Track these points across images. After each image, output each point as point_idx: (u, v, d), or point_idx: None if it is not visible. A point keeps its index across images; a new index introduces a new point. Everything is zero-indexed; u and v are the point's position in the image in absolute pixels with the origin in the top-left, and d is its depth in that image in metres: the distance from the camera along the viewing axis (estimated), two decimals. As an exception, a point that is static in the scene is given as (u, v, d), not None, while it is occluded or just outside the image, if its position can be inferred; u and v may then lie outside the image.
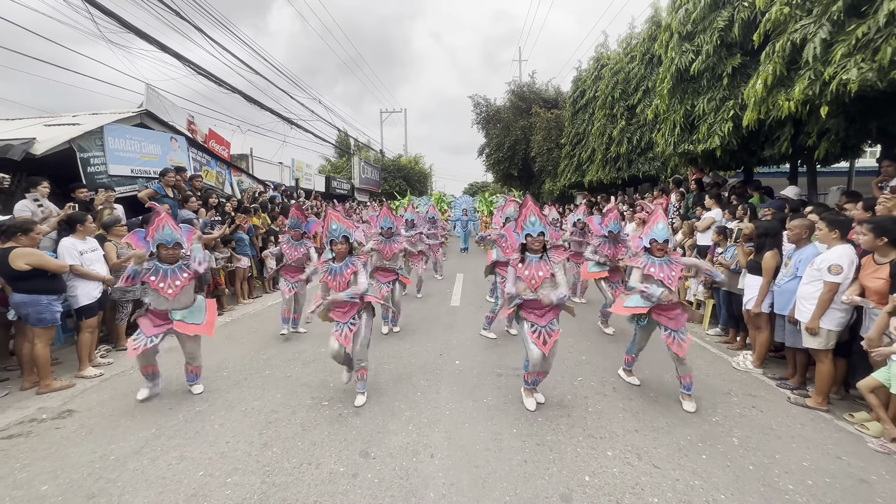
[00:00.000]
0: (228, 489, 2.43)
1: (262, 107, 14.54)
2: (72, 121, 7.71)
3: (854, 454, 2.82)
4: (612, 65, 11.82)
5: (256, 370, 4.25)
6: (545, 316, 3.28)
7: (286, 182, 16.49)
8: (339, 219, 3.51)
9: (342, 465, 2.65)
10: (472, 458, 2.74)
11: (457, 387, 3.83)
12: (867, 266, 3.24)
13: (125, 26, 8.33)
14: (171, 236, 3.39)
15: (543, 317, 3.27)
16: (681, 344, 3.36)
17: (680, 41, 6.40)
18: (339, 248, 3.46)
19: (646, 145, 10.47)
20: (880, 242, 3.12)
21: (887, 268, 3.07)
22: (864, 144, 5.43)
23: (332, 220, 3.51)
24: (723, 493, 2.41)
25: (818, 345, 3.43)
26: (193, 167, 8.70)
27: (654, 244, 3.50)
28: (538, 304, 3.25)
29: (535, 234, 3.27)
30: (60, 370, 4.20)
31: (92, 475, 2.56)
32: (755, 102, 4.83)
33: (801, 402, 3.53)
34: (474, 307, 6.83)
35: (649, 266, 3.48)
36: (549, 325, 3.27)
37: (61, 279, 3.96)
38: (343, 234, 3.46)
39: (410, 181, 32.48)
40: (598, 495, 2.38)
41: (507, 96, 23.67)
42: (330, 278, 3.45)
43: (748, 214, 5.34)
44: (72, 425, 3.18)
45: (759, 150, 6.17)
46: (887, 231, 3.09)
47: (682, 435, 3.02)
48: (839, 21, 3.82)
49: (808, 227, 3.82)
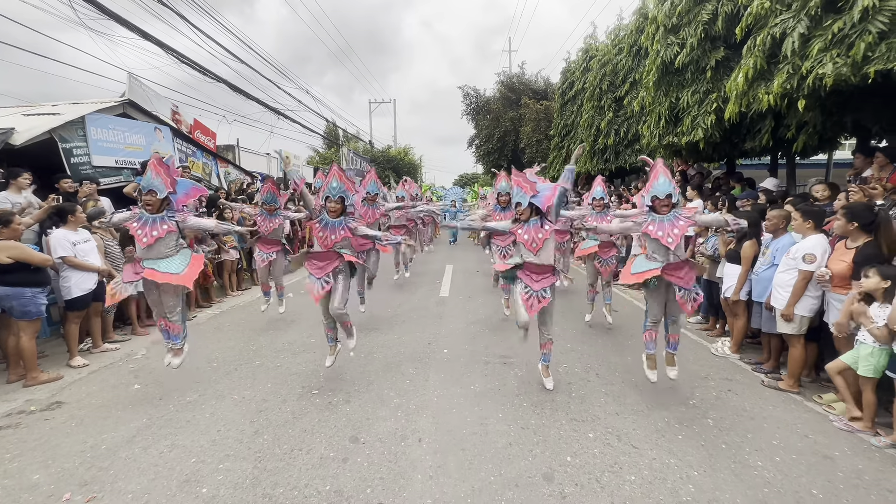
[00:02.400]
0: (220, 475, 2.48)
1: (249, 96, 14.29)
2: (51, 110, 7.53)
3: (821, 433, 2.97)
4: (601, 56, 11.86)
5: (246, 360, 4.28)
6: (541, 281, 3.37)
7: (274, 174, 16.30)
8: (341, 177, 3.52)
9: (332, 451, 2.72)
10: (459, 441, 2.83)
11: (445, 374, 3.91)
12: (838, 250, 3.39)
13: (104, 12, 8.11)
14: (149, 182, 3.30)
15: (539, 282, 3.36)
16: (693, 301, 3.28)
17: (665, 34, 6.46)
18: (333, 206, 3.49)
19: (632, 137, 10.57)
20: (851, 227, 3.24)
21: (852, 252, 3.21)
22: (840, 137, 5.59)
23: (333, 176, 3.52)
24: (696, 470, 2.54)
25: (792, 330, 3.58)
26: (179, 158, 8.58)
27: (657, 201, 3.23)
28: (537, 267, 3.36)
29: (524, 205, 3.36)
30: (47, 363, 4.18)
31: (84, 464, 2.59)
32: (737, 95, 4.93)
33: (773, 385, 3.69)
34: (463, 297, 6.91)
35: (648, 224, 3.27)
36: (542, 290, 3.35)
37: (45, 272, 3.93)
38: (340, 194, 3.47)
39: (400, 172, 32.32)
40: (579, 474, 2.49)
41: (497, 87, 23.59)
42: (319, 227, 3.47)
43: (727, 205, 5.48)
44: (61, 416, 3.19)
45: (741, 142, 6.30)
46: (857, 216, 3.22)
47: (661, 417, 3.15)
48: (816, 16, 3.91)
49: (785, 217, 3.95)
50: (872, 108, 4.40)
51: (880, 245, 3.09)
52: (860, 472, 2.54)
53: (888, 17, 3.37)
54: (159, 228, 3.31)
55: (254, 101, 14.71)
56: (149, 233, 3.29)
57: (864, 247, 3.15)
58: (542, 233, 3.33)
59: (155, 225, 3.31)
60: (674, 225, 3.16)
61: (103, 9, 8.01)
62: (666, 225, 3.18)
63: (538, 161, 16.16)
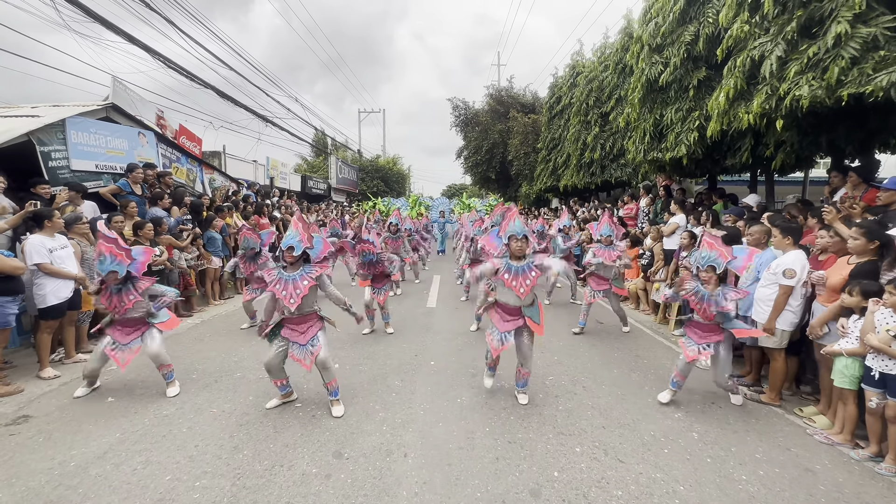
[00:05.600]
0: (197, 493, 2.38)
1: (237, 103, 14.19)
2: (31, 112, 7.33)
3: (802, 446, 3.01)
4: (587, 73, 12.15)
5: (227, 372, 4.16)
6: (510, 322, 3.38)
7: (260, 181, 16.13)
8: (297, 227, 3.26)
9: (315, 467, 2.64)
10: (445, 456, 2.78)
11: (431, 387, 3.86)
12: (838, 264, 3.41)
13: (90, 15, 8.00)
14: (104, 267, 3.40)
15: (508, 322, 3.38)
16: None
17: (650, 53, 6.65)
18: (288, 256, 3.22)
19: (618, 152, 10.79)
20: (872, 246, 3.18)
21: (852, 267, 3.26)
22: (816, 156, 5.79)
23: (291, 226, 3.29)
24: (682, 484, 2.54)
25: (773, 344, 3.64)
26: (163, 163, 8.42)
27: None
28: (508, 308, 3.36)
29: (519, 236, 3.32)
30: (15, 374, 4.00)
31: (51, 482, 2.46)
32: (718, 114, 5.08)
33: (756, 399, 3.74)
34: (450, 308, 6.88)
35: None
36: (506, 334, 3.38)
37: (19, 280, 3.77)
38: (289, 245, 3.18)
39: (388, 182, 32.31)
40: (566, 490, 2.47)
41: (486, 100, 23.95)
42: (279, 287, 3.16)
43: (710, 220, 5.60)
44: (28, 431, 3.04)
45: (722, 159, 6.48)
46: (876, 235, 3.18)
47: (647, 430, 3.15)
48: (793, 41, 4.07)
49: (767, 232, 4.05)
50: (846, 129, 4.59)
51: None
52: (840, 485, 2.57)
53: (859, 43, 3.53)
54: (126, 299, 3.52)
55: (242, 107, 14.61)
56: (118, 302, 3.52)
57: (866, 263, 3.19)
58: (529, 279, 3.28)
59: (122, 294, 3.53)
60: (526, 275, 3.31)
61: (89, 11, 7.90)
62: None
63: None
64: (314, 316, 3.35)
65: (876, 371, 2.75)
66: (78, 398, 3.55)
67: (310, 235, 3.35)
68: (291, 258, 3.23)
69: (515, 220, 3.38)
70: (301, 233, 3.25)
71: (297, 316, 3.26)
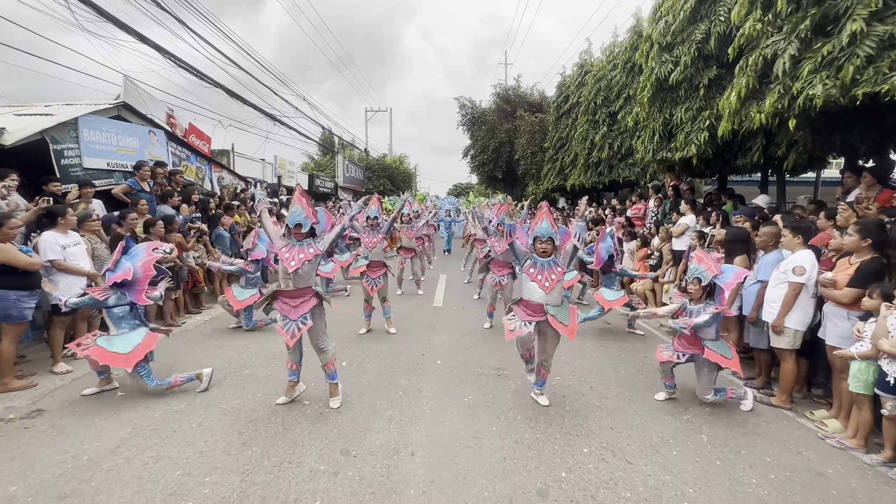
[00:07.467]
0: (207, 488, 2.41)
1: (245, 102, 14.27)
2: (44, 111, 7.43)
3: (813, 450, 2.97)
4: (596, 72, 12.05)
5: (236, 369, 4.20)
6: (532, 317, 3.35)
7: (268, 179, 16.23)
8: (301, 202, 3.32)
9: (323, 464, 2.66)
10: (453, 455, 2.78)
11: (438, 386, 3.87)
12: (841, 264, 3.39)
13: (103, 15, 8.08)
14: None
15: (530, 316, 3.35)
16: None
17: (660, 51, 6.59)
18: (297, 234, 3.31)
19: (626, 151, 10.71)
20: (864, 244, 3.21)
21: (855, 266, 3.22)
22: (829, 156, 5.71)
23: (294, 202, 3.35)
24: (691, 487, 2.52)
25: (785, 344, 3.60)
26: (173, 162, 8.49)
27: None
28: (532, 305, 3.35)
29: (543, 238, 3.31)
30: (29, 368, 4.05)
31: (64, 475, 2.50)
32: (729, 113, 5.02)
33: (766, 401, 3.70)
34: (457, 307, 6.88)
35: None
36: (526, 322, 3.35)
37: (35, 276, 3.83)
38: (297, 222, 3.27)
39: (395, 181, 32.33)
40: (574, 490, 2.46)
41: (493, 99, 23.86)
42: (285, 250, 3.26)
43: (721, 221, 5.54)
44: (42, 425, 3.09)
45: (733, 159, 6.41)
46: (871, 233, 3.20)
47: (655, 432, 3.13)
48: (807, 39, 4.01)
49: (776, 234, 4.00)
50: (860, 128, 4.51)
51: (889, 260, 3.11)
52: (853, 490, 2.53)
53: (875, 41, 3.47)
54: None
55: (251, 106, 14.70)
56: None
57: (869, 261, 3.16)
58: (555, 273, 3.26)
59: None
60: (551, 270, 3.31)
61: (102, 12, 7.99)
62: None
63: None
64: (309, 291, 3.34)
65: (891, 377, 2.70)
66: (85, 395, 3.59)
67: (314, 210, 3.43)
68: (300, 235, 3.29)
69: (544, 221, 3.35)
70: (306, 208, 3.31)
71: (292, 289, 3.30)
